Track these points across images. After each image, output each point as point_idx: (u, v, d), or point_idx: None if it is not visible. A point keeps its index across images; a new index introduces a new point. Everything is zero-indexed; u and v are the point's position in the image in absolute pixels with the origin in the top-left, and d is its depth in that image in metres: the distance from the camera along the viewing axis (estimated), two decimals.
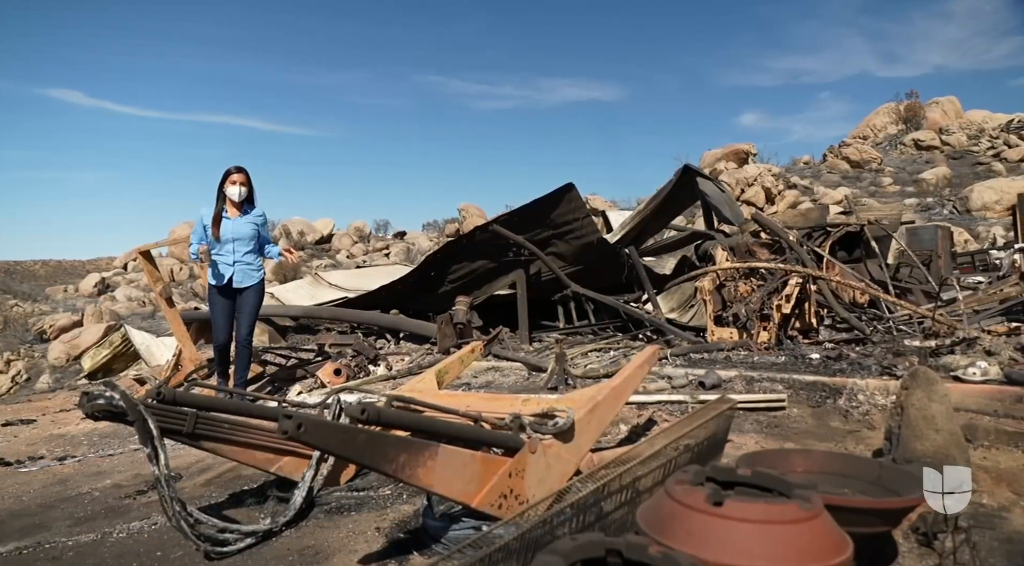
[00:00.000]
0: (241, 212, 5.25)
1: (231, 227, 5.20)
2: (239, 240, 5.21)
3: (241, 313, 5.25)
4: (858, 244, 7.47)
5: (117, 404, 2.40)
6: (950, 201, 23.85)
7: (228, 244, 5.18)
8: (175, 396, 2.70)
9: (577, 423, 2.68)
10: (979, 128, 30.83)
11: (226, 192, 5.18)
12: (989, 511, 2.55)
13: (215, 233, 5.16)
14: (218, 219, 5.17)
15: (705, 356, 5.48)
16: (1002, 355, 4.24)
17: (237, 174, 5.19)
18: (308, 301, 9.16)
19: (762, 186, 24.25)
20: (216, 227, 5.16)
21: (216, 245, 5.16)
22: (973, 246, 17.95)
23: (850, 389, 4.14)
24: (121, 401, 2.39)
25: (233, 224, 5.21)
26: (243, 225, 5.23)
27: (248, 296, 5.25)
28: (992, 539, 2.32)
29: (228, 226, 5.19)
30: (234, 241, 5.19)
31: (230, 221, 5.21)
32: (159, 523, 2.89)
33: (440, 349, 6.64)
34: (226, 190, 5.17)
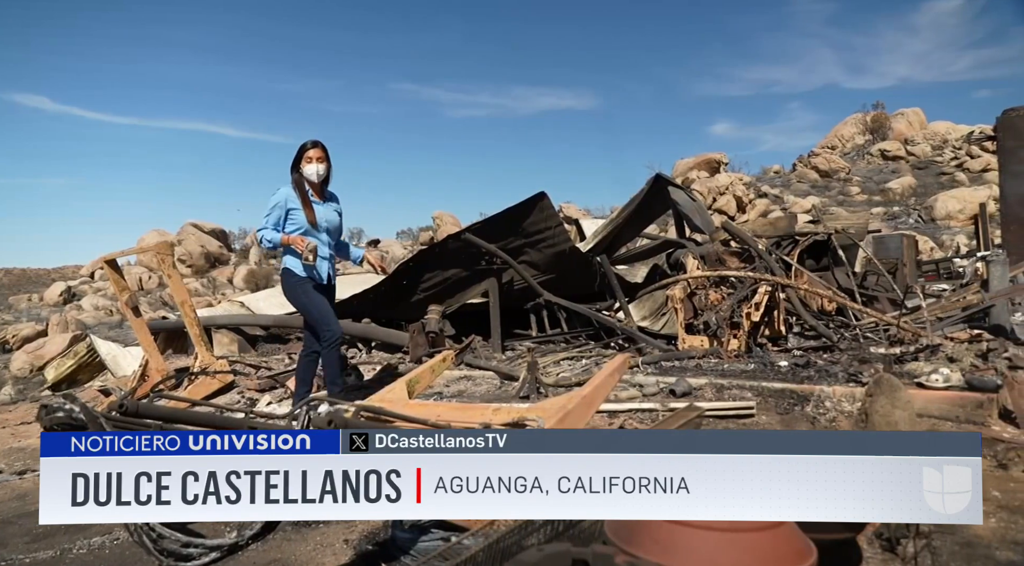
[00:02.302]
0: (323, 197, 4.47)
1: (323, 213, 4.39)
2: (331, 230, 4.46)
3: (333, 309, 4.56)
4: (826, 253, 7.59)
5: (76, 417, 2.35)
6: (915, 210, 24.36)
7: (322, 233, 4.39)
8: (138, 408, 2.65)
9: None
10: (943, 139, 31.57)
11: (303, 172, 4.33)
12: None
13: (310, 217, 4.30)
14: (308, 201, 4.32)
15: (676, 364, 5.52)
16: (964, 362, 4.32)
17: (315, 149, 4.33)
18: (279, 310, 9.04)
19: (733, 195, 24.59)
20: (310, 210, 4.31)
21: (309, 233, 4.32)
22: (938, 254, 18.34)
23: (817, 396, 4.19)
24: (81, 414, 2.34)
25: (324, 209, 4.41)
26: (331, 212, 4.48)
27: (332, 291, 4.55)
28: (953, 544, 2.36)
29: (320, 211, 4.38)
30: (327, 231, 4.42)
31: (320, 206, 4.40)
32: (121, 538, 2.83)
33: (412, 358, 6.60)
34: (303, 169, 4.33)
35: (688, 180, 26.18)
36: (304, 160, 4.32)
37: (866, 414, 2.95)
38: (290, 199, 4.31)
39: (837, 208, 24.20)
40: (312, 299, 4.35)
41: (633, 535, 1.74)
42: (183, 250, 24.47)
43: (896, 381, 2.98)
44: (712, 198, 24.61)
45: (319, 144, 4.34)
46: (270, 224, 4.31)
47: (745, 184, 25.97)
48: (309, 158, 4.31)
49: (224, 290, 21.86)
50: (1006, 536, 2.41)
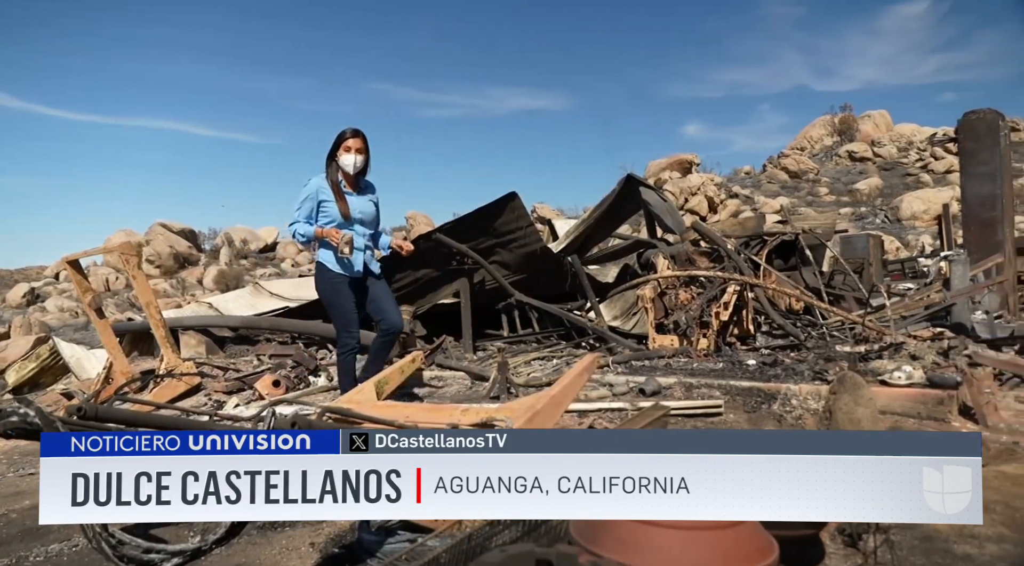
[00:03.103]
0: (358, 188, 4.31)
1: (356, 204, 4.25)
2: (366, 221, 4.30)
3: (382, 300, 4.35)
4: (794, 252, 7.69)
5: (32, 421, 2.29)
6: (882, 211, 24.81)
7: (356, 225, 4.24)
8: (97, 412, 2.60)
9: None
10: (908, 141, 32.18)
11: (339, 161, 4.16)
12: None
13: (343, 209, 4.16)
14: (341, 192, 4.18)
15: (646, 363, 5.55)
16: (926, 359, 4.41)
17: (353, 139, 4.14)
18: (248, 311, 8.94)
19: (705, 195, 24.83)
20: (343, 202, 4.17)
21: (343, 226, 4.18)
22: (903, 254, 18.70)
23: (784, 394, 4.24)
24: (36, 418, 2.28)
25: (359, 201, 4.26)
26: (367, 203, 4.31)
27: (379, 283, 4.37)
28: (912, 538, 2.40)
29: (354, 203, 4.23)
30: (362, 223, 4.27)
31: (353, 197, 4.25)
32: (80, 545, 2.77)
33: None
34: (339, 159, 4.15)
35: (660, 181, 26.37)
36: (342, 150, 4.14)
37: (830, 412, 3.00)
38: (322, 190, 4.15)
39: (806, 208, 24.56)
40: (340, 299, 4.25)
41: (597, 535, 1.74)
42: (151, 250, 24.08)
43: (859, 379, 3.02)
44: (684, 198, 24.83)
45: (359, 133, 4.17)
46: (302, 217, 4.16)
47: (716, 185, 26.23)
48: (348, 148, 4.13)
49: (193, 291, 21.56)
50: (964, 530, 2.46)
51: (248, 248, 28.30)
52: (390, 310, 4.35)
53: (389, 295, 4.43)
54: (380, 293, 4.36)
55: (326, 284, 4.27)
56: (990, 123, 6.93)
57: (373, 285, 4.35)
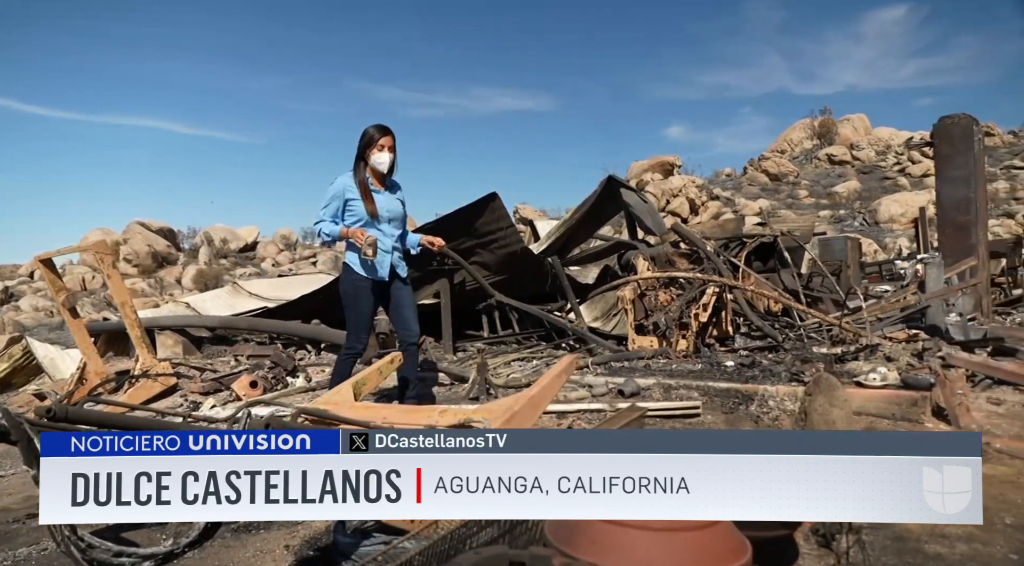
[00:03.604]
0: (387, 186, 4.21)
1: (384, 203, 4.14)
2: (394, 220, 4.20)
3: (404, 307, 4.25)
4: (772, 254, 7.76)
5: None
6: (860, 213, 25.10)
7: (384, 224, 4.13)
8: (67, 413, 2.56)
9: None
10: (886, 144, 32.58)
11: (371, 160, 4.06)
12: None
13: (370, 208, 4.05)
14: (368, 191, 4.09)
15: (626, 364, 5.57)
16: (900, 361, 4.46)
17: (386, 137, 4.06)
18: (226, 311, 8.87)
19: (686, 197, 24.97)
20: (370, 201, 4.07)
21: (370, 225, 4.08)
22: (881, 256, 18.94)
23: (761, 395, 4.27)
24: (3, 420, 2.24)
25: (386, 199, 4.16)
26: (395, 201, 4.22)
27: (404, 289, 4.26)
28: (885, 538, 2.43)
29: (381, 201, 4.13)
30: (389, 221, 4.16)
31: (381, 195, 4.15)
32: (49, 549, 2.73)
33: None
34: (372, 157, 4.06)
35: (642, 182, 26.50)
36: (375, 148, 4.06)
37: (805, 413, 3.01)
38: (348, 189, 4.06)
39: (786, 211, 24.80)
40: (358, 303, 4.16)
41: (571, 536, 1.74)
42: (129, 249, 23.81)
43: (834, 380, 3.04)
44: (666, 200, 24.96)
45: (390, 131, 4.10)
46: (328, 216, 4.08)
47: (698, 186, 26.39)
48: (381, 146, 4.06)
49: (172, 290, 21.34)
50: (935, 530, 2.49)
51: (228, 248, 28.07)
52: (411, 320, 4.24)
53: (412, 304, 4.31)
54: (404, 300, 4.25)
55: (348, 285, 4.18)
56: (965, 128, 7.02)
57: (399, 291, 4.25)
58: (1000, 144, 32.02)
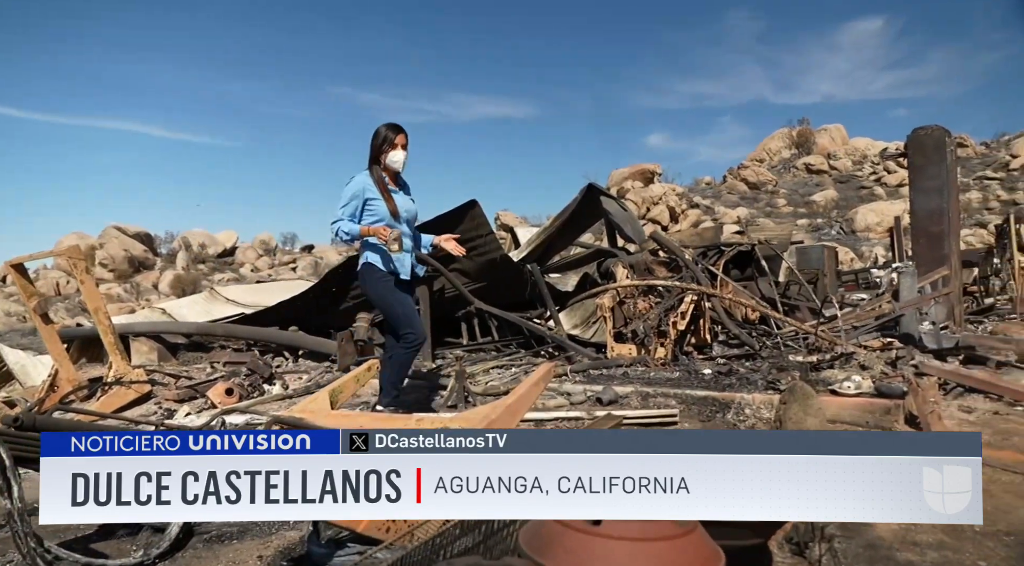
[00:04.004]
0: (400, 186, 4.22)
1: (401, 202, 4.13)
2: (410, 220, 4.21)
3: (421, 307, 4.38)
4: (750, 263, 7.83)
5: None
6: (837, 222, 25.44)
7: (403, 224, 4.13)
8: (35, 421, 2.51)
9: None
10: (863, 154, 33.08)
11: (387, 159, 4.06)
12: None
13: (392, 207, 4.02)
14: (387, 190, 4.06)
15: (604, 372, 5.59)
16: (875, 369, 4.52)
17: (401, 135, 4.07)
18: (203, 317, 8.77)
19: (667, 205, 25.17)
20: (390, 200, 4.04)
21: (391, 225, 4.03)
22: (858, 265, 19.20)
23: (738, 404, 4.30)
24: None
25: (402, 198, 4.16)
26: (409, 201, 4.23)
27: (418, 290, 4.37)
28: (857, 546, 2.45)
29: (398, 201, 4.12)
30: (406, 221, 4.15)
31: (398, 195, 4.14)
32: (15, 561, 2.67)
33: (340, 367, 6.48)
34: (387, 157, 4.05)
35: (623, 190, 26.66)
36: (391, 147, 4.06)
37: (780, 421, 3.05)
38: (368, 188, 4.03)
39: (765, 219, 25.06)
40: (396, 297, 4.10)
41: (545, 546, 1.74)
42: (105, 254, 23.52)
43: (808, 389, 3.08)
44: (646, 208, 25.14)
45: (403, 130, 4.11)
46: (346, 215, 4.03)
47: (678, 195, 26.61)
48: (395, 145, 4.06)
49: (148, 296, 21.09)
50: (906, 538, 2.51)
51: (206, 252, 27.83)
52: (419, 321, 4.23)
53: (421, 306, 4.26)
54: (414, 301, 4.27)
55: (378, 285, 4.11)
56: (937, 140, 7.15)
57: (414, 291, 4.27)
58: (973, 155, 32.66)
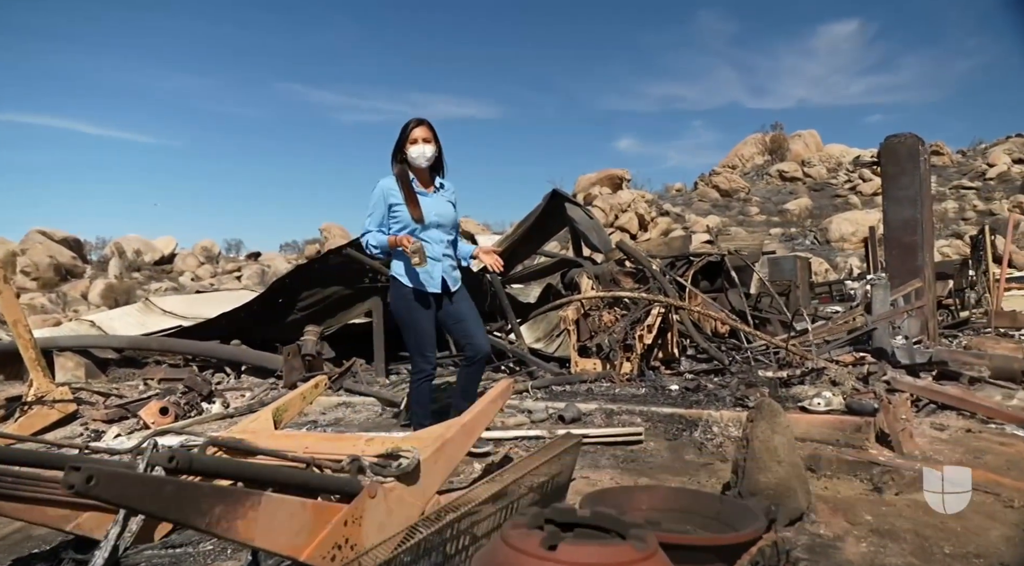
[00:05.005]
0: (435, 186, 3.99)
1: (431, 205, 3.91)
2: (443, 225, 3.95)
3: (468, 321, 4.00)
4: (720, 274, 7.96)
5: None
6: (812, 232, 25.99)
7: (432, 230, 3.90)
8: None
9: (423, 463, 2.66)
10: (837, 161, 33.90)
11: (409, 156, 3.89)
12: (825, 541, 2.76)
13: (415, 213, 3.83)
14: (412, 193, 3.87)
15: (567, 388, 5.62)
16: (846, 385, 4.62)
17: (419, 128, 3.88)
18: (136, 330, 8.60)
19: (636, 212, 25.44)
20: (414, 205, 3.84)
21: (416, 231, 3.86)
22: (832, 276, 19.65)
23: (705, 421, 4.37)
24: None
25: (433, 202, 3.93)
26: (444, 204, 3.97)
27: (463, 301, 4.03)
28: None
29: (427, 204, 3.89)
30: (438, 227, 3.92)
31: (428, 198, 3.92)
32: None
33: (286, 383, 6.42)
34: (408, 152, 3.88)
35: (590, 196, 26.89)
36: (408, 142, 3.88)
37: (747, 440, 3.10)
38: (391, 192, 3.87)
39: (737, 228, 25.50)
40: (413, 317, 3.93)
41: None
42: (28, 260, 22.90)
43: (776, 406, 3.14)
44: (614, 215, 25.37)
45: (424, 122, 3.92)
46: (374, 225, 3.89)
47: (647, 201, 26.92)
48: (414, 139, 3.86)
49: (77, 306, 20.58)
50: (875, 560, 2.58)
51: (141, 260, 27.30)
52: (477, 333, 4.00)
53: (475, 314, 4.06)
54: (465, 312, 4.02)
55: (399, 302, 3.96)
56: (910, 148, 7.37)
57: (457, 301, 4.02)
58: (949, 163, 33.71)
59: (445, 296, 3.99)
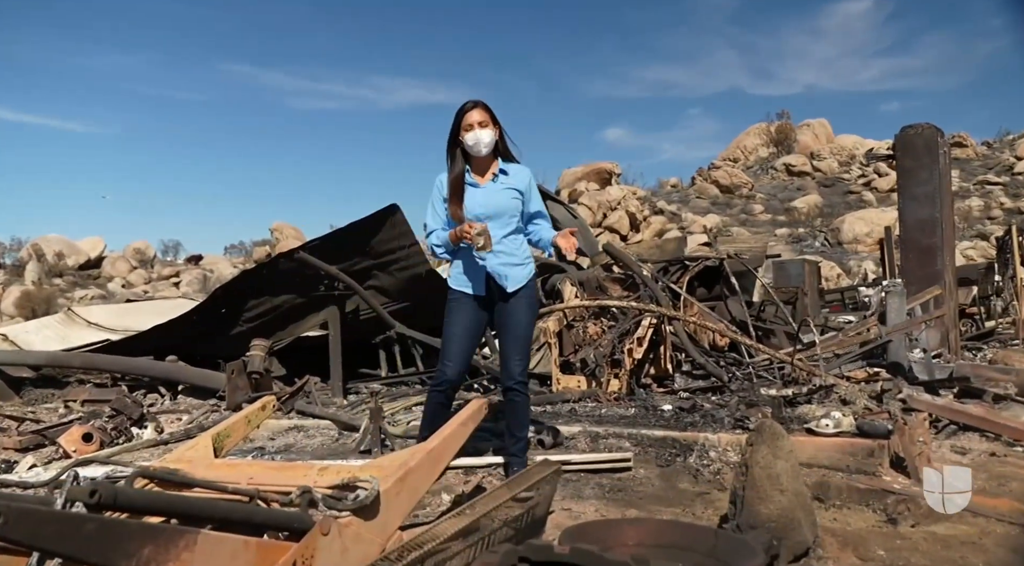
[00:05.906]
0: (493, 174, 3.94)
1: (481, 198, 3.88)
2: (496, 218, 3.86)
3: (509, 333, 3.90)
4: (719, 280, 8.03)
5: None
6: (822, 232, 26.26)
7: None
8: None
9: (383, 495, 2.65)
10: (850, 154, 34.29)
11: (464, 143, 3.85)
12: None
13: (454, 210, 3.85)
14: (459, 186, 3.88)
15: (548, 409, 5.64)
16: (857, 404, 4.68)
17: (475, 110, 3.81)
18: (57, 344, 8.52)
19: (626, 211, 25.52)
20: (457, 200, 3.86)
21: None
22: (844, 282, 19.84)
23: (701, 445, 4.40)
24: None
25: (484, 193, 3.89)
26: (498, 194, 3.89)
27: (518, 307, 3.89)
28: None
29: (476, 197, 3.88)
30: (488, 220, 3.83)
31: (479, 189, 3.90)
32: None
33: (229, 405, 6.38)
34: (464, 139, 3.84)
35: (576, 192, 26.97)
36: (463, 129, 3.83)
37: (746, 466, 3.13)
38: (443, 187, 3.92)
39: (739, 228, 25.71)
40: (447, 321, 3.92)
41: None
42: None
43: (778, 428, 3.18)
44: (602, 214, 25.46)
45: (480, 103, 3.85)
46: (437, 224, 3.95)
47: (639, 199, 27.06)
48: (469, 125, 3.81)
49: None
50: None
51: (64, 264, 26.98)
52: (511, 353, 3.90)
53: (521, 329, 3.93)
54: (509, 323, 3.91)
55: (447, 305, 3.98)
56: (928, 139, 7.48)
57: (511, 308, 3.90)
58: (973, 156, 34.25)
59: (496, 300, 3.92)
